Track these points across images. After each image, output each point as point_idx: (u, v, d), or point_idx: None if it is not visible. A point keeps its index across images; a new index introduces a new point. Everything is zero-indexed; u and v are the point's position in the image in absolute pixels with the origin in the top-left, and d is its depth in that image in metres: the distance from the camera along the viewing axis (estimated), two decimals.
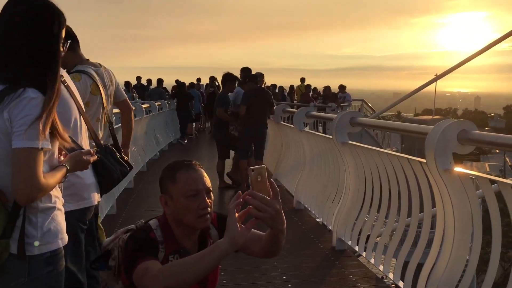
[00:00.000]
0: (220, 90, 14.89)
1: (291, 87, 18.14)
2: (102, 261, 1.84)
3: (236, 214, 1.45)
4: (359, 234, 4.04)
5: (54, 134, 1.47)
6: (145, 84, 16.73)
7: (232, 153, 7.25)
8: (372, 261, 3.70)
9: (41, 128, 1.40)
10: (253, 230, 1.61)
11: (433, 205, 3.05)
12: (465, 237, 2.69)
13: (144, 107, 8.82)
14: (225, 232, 1.46)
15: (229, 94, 6.99)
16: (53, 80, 1.50)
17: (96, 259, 1.90)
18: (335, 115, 4.55)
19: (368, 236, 3.90)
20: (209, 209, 1.70)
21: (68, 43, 1.65)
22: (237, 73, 7.40)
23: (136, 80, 16.27)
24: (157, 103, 10.67)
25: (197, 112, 14.37)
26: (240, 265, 3.68)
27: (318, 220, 5.32)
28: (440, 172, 2.65)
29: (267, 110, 6.53)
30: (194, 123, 14.88)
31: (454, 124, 2.65)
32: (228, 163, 7.38)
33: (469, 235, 2.69)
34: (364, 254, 3.86)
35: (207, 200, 1.69)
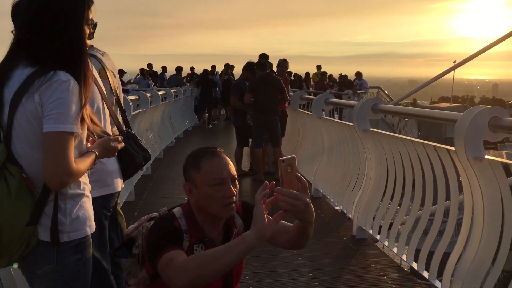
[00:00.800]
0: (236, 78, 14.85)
1: (307, 74, 17.95)
2: (125, 248, 1.81)
3: (263, 205, 1.40)
4: (381, 223, 3.98)
5: (84, 119, 1.44)
6: (160, 71, 16.72)
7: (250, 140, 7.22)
8: (394, 250, 3.64)
9: (73, 112, 1.36)
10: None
11: (459, 194, 2.97)
12: (495, 228, 2.61)
13: (160, 94, 8.81)
14: (252, 224, 1.41)
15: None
16: (83, 63, 1.45)
17: (119, 246, 1.87)
18: (356, 102, 4.46)
19: (390, 225, 3.83)
20: (234, 197, 1.65)
21: (96, 24, 1.60)
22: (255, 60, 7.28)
23: (148, 67, 16.23)
24: (172, 90, 10.66)
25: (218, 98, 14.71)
26: (259, 253, 3.64)
27: (337, 208, 5.26)
28: (470, 160, 2.56)
29: (277, 97, 6.40)
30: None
31: (485, 111, 2.55)
32: (246, 151, 7.35)
33: (499, 226, 2.61)
34: (386, 243, 3.80)
35: (233, 189, 1.64)
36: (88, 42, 1.58)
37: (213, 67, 16.39)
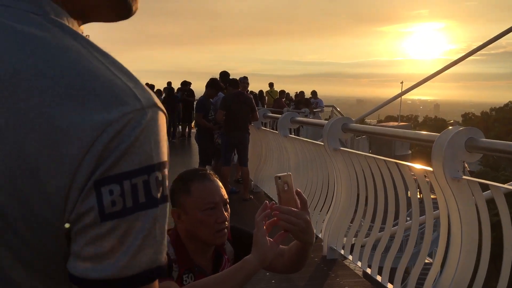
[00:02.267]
0: (195, 95, 14.69)
1: (260, 92, 18.09)
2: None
3: (264, 227, 1.32)
4: (352, 243, 3.97)
5: None
6: None
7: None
8: (368, 270, 3.63)
9: None
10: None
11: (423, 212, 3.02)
12: (473, 246, 2.65)
13: None
14: (253, 247, 1.32)
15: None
16: None
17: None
18: (325, 121, 4.47)
19: (362, 245, 3.83)
20: (226, 223, 1.55)
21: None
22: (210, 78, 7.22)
23: None
24: None
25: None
26: None
27: None
28: (448, 180, 2.60)
29: (248, 115, 6.39)
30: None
31: (462, 132, 2.61)
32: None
33: (476, 244, 2.65)
34: (359, 263, 3.78)
35: (225, 213, 1.54)
36: None
37: (169, 83, 16.14)
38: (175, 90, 15.48)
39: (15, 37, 0.51)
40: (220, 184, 1.58)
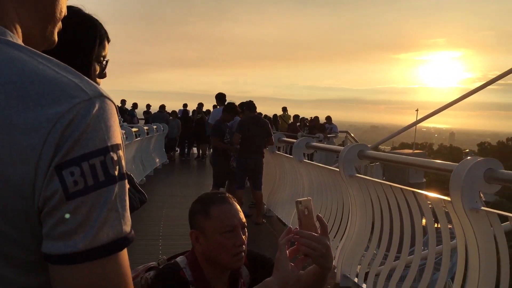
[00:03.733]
0: (207, 116, 14.86)
1: (274, 116, 18.19)
2: None
3: (286, 251, 1.33)
4: (366, 271, 3.91)
5: None
6: (131, 107, 16.53)
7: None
8: None
9: None
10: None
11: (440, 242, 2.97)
12: (491, 279, 2.60)
13: (134, 131, 8.64)
14: (274, 271, 1.33)
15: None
16: None
17: None
18: (342, 147, 4.48)
19: (377, 274, 3.77)
20: (244, 246, 1.57)
21: (107, 62, 1.52)
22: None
23: (121, 103, 16.09)
24: (145, 127, 10.52)
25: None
26: None
27: None
28: (466, 211, 2.58)
29: (264, 139, 6.43)
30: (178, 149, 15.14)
31: (481, 163, 2.60)
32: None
33: (494, 276, 2.61)
34: None
35: (242, 237, 1.56)
36: (100, 80, 1.49)
37: (185, 105, 16.36)
38: (190, 112, 15.69)
39: None
40: (239, 207, 1.61)
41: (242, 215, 1.61)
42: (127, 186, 0.63)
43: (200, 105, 15.19)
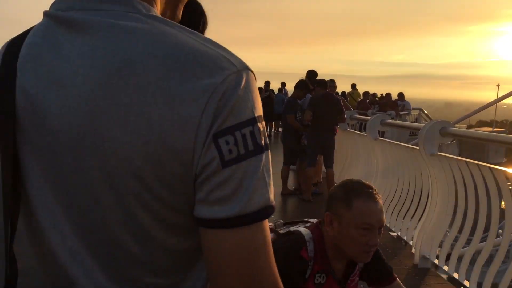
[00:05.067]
0: (275, 94, 14.83)
1: (343, 93, 17.74)
2: None
3: None
4: (449, 253, 3.76)
5: None
6: None
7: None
8: (466, 283, 3.42)
9: None
10: None
11: None
12: None
13: None
14: None
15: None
16: None
17: None
18: (422, 125, 4.28)
19: (460, 256, 3.61)
20: (376, 246, 1.58)
21: None
22: (295, 79, 7.21)
23: None
24: None
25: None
26: None
27: (392, 233, 5.05)
28: None
29: (336, 116, 6.30)
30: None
31: None
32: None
33: None
34: (455, 275, 3.58)
35: (377, 237, 1.55)
36: None
37: (267, 83, 16.27)
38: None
39: (122, 32, 0.60)
40: (382, 207, 1.60)
41: (383, 216, 1.59)
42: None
43: (267, 83, 15.18)
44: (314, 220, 1.71)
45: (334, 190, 1.61)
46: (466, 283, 3.41)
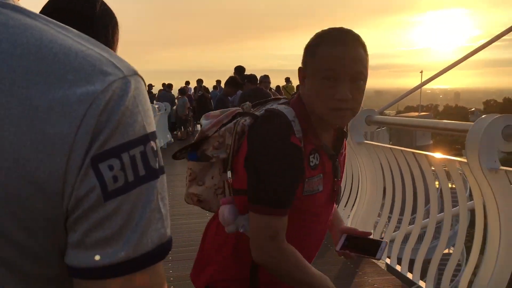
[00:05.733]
0: (209, 93, 14.64)
1: (277, 87, 17.92)
2: (192, 150, 1.38)
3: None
4: (381, 238, 3.82)
5: None
6: None
7: None
8: (398, 268, 3.48)
9: None
10: None
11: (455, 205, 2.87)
12: None
13: None
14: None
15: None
16: None
17: (184, 148, 1.41)
18: None
19: (391, 240, 3.68)
20: (350, 103, 1.19)
21: None
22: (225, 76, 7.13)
23: None
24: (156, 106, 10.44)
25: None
26: None
27: None
28: (484, 172, 2.44)
29: None
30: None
31: (499, 120, 2.44)
32: None
33: None
34: (388, 260, 3.64)
35: (348, 91, 1.17)
36: None
37: (187, 83, 16.17)
38: (192, 90, 15.51)
39: None
40: (361, 53, 1.21)
41: (360, 63, 1.19)
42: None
43: (199, 82, 14.96)
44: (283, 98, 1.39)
45: (310, 41, 1.28)
46: (398, 267, 3.47)
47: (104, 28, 1.11)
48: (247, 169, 1.24)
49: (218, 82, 16.00)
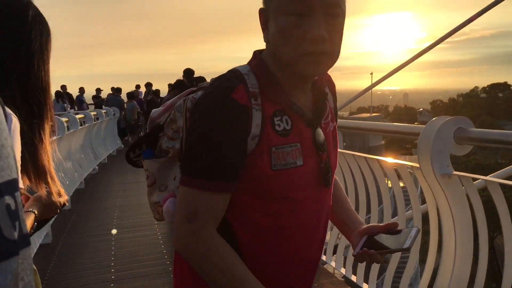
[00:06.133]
0: (158, 97, 14.22)
1: None
2: (148, 146, 1.13)
3: None
4: (334, 250, 3.69)
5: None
6: (78, 92, 15.64)
7: None
8: (353, 279, 3.35)
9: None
10: None
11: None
12: (468, 248, 2.39)
13: (79, 118, 8.02)
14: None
15: None
16: None
17: (135, 144, 1.16)
18: None
19: (347, 246, 3.55)
20: (326, 45, 0.93)
21: None
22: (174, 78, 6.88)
23: (62, 89, 14.94)
24: (92, 113, 9.85)
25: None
26: None
27: None
28: (437, 177, 2.33)
29: None
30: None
31: (450, 122, 2.33)
32: None
33: (472, 245, 2.40)
34: (342, 270, 3.50)
35: (324, 29, 0.92)
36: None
37: (137, 86, 15.64)
38: (143, 94, 15.01)
39: None
40: None
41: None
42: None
43: (148, 85, 14.47)
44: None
45: None
46: (354, 277, 3.34)
47: (36, 37, 1.05)
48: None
49: (170, 85, 15.60)
